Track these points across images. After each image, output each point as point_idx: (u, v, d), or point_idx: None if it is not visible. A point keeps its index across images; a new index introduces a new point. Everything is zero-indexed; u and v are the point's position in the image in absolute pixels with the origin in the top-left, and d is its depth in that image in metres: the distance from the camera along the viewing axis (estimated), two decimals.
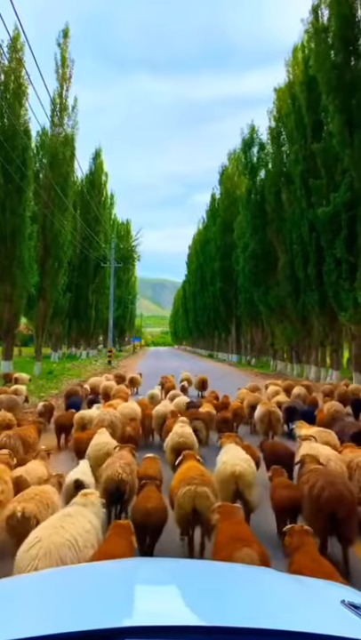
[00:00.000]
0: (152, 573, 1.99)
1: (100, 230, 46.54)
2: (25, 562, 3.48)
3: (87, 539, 3.85)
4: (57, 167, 26.77)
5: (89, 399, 14.04)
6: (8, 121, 23.74)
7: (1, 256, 23.76)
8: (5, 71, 23.96)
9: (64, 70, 27.03)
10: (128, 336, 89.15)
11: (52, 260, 26.90)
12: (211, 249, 53.40)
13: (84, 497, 4.64)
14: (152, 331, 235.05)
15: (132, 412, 10.57)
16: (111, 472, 5.93)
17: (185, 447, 7.28)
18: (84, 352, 49.27)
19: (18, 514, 4.51)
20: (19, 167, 23.45)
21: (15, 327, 25.44)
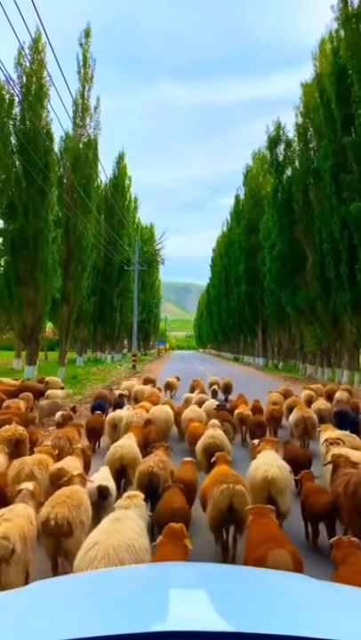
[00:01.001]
0: (185, 578, 1.96)
1: (124, 234, 46.29)
2: (84, 564, 3.56)
3: (142, 542, 3.92)
4: (80, 169, 26.43)
5: (115, 403, 13.91)
6: (30, 123, 23.52)
7: (24, 260, 23.49)
8: (27, 73, 23.76)
9: (86, 70, 26.73)
10: (153, 340, 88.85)
11: (75, 264, 26.53)
12: (235, 251, 52.57)
13: (128, 499, 4.66)
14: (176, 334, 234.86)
15: (165, 414, 10.68)
16: (144, 467, 6.28)
17: (216, 449, 7.32)
18: (109, 356, 49.04)
19: (52, 521, 4.63)
20: (41, 169, 23.16)
21: (39, 332, 25.12)
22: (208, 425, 8.93)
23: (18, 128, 23.61)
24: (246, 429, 11.48)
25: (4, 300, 24.82)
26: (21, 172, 23.50)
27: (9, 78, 21.10)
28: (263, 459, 6.40)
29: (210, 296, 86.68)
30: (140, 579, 1.98)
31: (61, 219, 27.16)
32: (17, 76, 23.59)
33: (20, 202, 23.51)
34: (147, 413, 10.69)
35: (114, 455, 7.19)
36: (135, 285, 38.86)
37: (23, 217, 23.27)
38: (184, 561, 3.77)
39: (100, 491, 5.67)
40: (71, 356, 47.07)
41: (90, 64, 26.89)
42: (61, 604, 1.63)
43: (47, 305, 24.82)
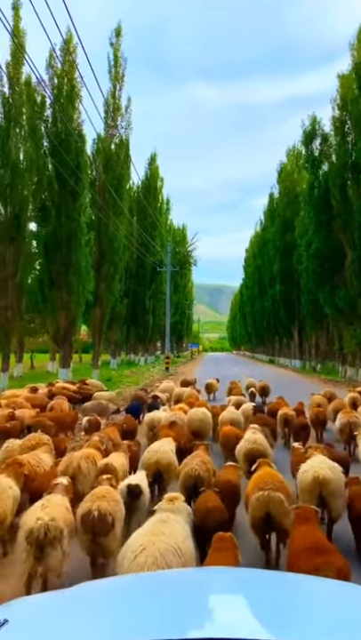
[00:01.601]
0: (227, 583, 1.91)
1: (157, 235, 46.04)
2: (133, 569, 3.52)
3: (188, 545, 3.89)
4: (111, 169, 26.21)
5: (148, 405, 13.75)
6: (62, 124, 23.45)
7: (57, 263, 23.42)
8: (58, 75, 23.72)
9: (116, 70, 26.53)
10: (186, 342, 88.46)
11: (107, 266, 26.31)
12: (269, 250, 51.47)
13: (170, 502, 4.60)
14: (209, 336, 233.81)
15: (204, 416, 10.63)
16: (188, 469, 6.28)
17: (257, 454, 7.19)
18: (142, 358, 48.91)
19: (95, 512, 4.63)
20: (73, 171, 23.05)
21: (72, 334, 25.01)
22: (247, 428, 8.82)
23: (50, 130, 23.60)
24: (290, 431, 11.18)
25: (38, 304, 24.85)
26: (53, 174, 23.46)
27: (40, 80, 21.07)
28: (313, 461, 6.22)
29: (243, 297, 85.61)
30: (182, 583, 1.95)
31: (94, 221, 27.01)
32: (48, 77, 23.63)
33: (53, 204, 23.47)
34: (185, 415, 10.73)
35: (149, 460, 7.09)
36: (168, 287, 38.45)
37: (56, 219, 23.22)
38: None
39: (130, 490, 5.55)
40: (105, 359, 47.23)
41: (121, 63, 26.69)
42: (104, 607, 1.62)
43: (80, 307, 24.68)
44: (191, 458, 6.68)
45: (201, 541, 4.58)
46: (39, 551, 4.35)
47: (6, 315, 21.04)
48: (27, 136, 22.10)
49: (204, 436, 10.18)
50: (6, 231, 20.89)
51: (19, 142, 21.81)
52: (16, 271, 21.19)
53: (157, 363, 48.03)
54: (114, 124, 26.35)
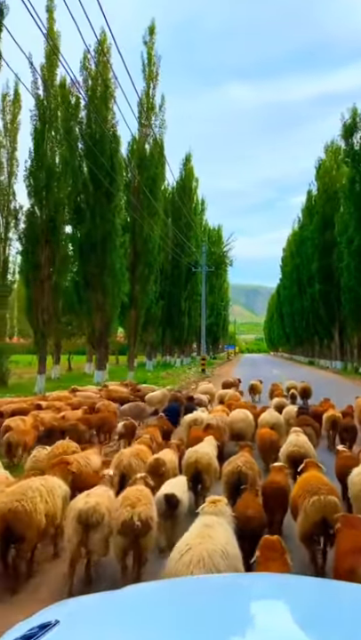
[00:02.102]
0: (271, 589, 1.85)
1: (192, 236, 45.61)
2: (179, 569, 3.54)
3: (233, 547, 3.89)
4: (146, 169, 25.94)
5: (185, 406, 13.49)
6: (96, 125, 23.36)
7: (91, 264, 23.32)
8: (92, 76, 23.66)
9: (150, 68, 26.27)
10: (222, 343, 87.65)
11: (142, 267, 26.05)
12: (308, 249, 50.08)
13: (213, 505, 4.58)
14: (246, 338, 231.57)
15: (245, 417, 10.52)
16: (232, 467, 6.39)
17: (300, 456, 7.13)
18: (178, 360, 48.61)
19: (137, 523, 4.63)
20: (108, 172, 22.90)
21: (108, 336, 24.88)
22: (290, 431, 8.75)
23: (84, 132, 23.55)
24: (335, 433, 10.88)
25: (74, 306, 24.84)
26: (88, 175, 23.40)
27: (75, 81, 21.01)
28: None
29: (280, 297, 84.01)
30: (226, 588, 1.93)
31: (129, 223, 26.83)
32: (82, 79, 23.60)
33: (88, 206, 23.42)
34: (226, 417, 10.67)
35: (188, 460, 7.03)
36: (203, 288, 37.92)
37: (90, 221, 23.14)
38: None
39: (167, 499, 5.44)
40: (141, 360, 47.21)
41: (154, 62, 26.43)
42: (151, 610, 1.61)
43: (116, 309, 24.52)
44: (236, 457, 6.77)
45: (243, 543, 4.51)
46: (84, 533, 4.67)
47: (42, 317, 21.06)
48: (62, 138, 22.12)
49: (246, 438, 9.96)
50: (42, 234, 20.93)
51: (54, 145, 21.85)
52: (52, 273, 21.18)
53: (193, 364, 47.55)
54: (148, 124, 26.08)
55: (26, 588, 4.94)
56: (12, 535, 4.75)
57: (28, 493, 4.89)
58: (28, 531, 4.77)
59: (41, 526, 4.90)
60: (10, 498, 4.81)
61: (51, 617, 1.51)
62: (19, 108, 27.84)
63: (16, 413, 10.83)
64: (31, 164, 20.70)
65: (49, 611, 1.68)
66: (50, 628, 1.42)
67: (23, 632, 1.44)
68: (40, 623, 1.47)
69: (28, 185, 20.71)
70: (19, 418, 10.15)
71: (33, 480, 5.30)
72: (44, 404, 12.61)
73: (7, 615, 3.96)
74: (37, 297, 21.03)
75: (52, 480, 5.45)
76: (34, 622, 1.51)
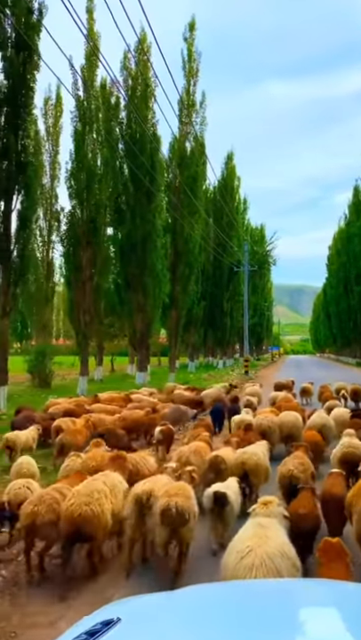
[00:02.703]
0: (329, 597, 1.80)
1: (234, 236, 44.94)
2: (241, 571, 3.52)
3: (291, 550, 3.84)
4: (186, 168, 25.53)
5: (229, 408, 13.35)
6: (136, 125, 23.18)
7: (132, 265, 23.15)
8: (132, 75, 23.50)
9: (190, 65, 25.87)
10: (266, 344, 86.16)
11: (182, 267, 25.65)
12: (355, 246, 48.26)
13: (264, 506, 4.57)
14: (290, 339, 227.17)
15: (295, 419, 10.41)
16: (285, 469, 6.42)
17: (352, 458, 7.09)
18: (221, 361, 47.99)
19: (173, 509, 4.82)
20: (148, 172, 22.66)
21: (149, 337, 24.63)
22: (343, 433, 8.64)
23: (125, 132, 23.43)
24: None
25: (116, 307, 24.76)
26: (128, 176, 23.26)
27: (115, 81, 20.90)
28: None
29: (327, 297, 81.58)
30: (288, 594, 1.87)
31: (169, 223, 26.52)
32: (122, 79, 23.48)
33: (128, 207, 23.28)
34: (276, 418, 10.56)
35: (236, 460, 7.03)
36: (245, 287, 37.12)
37: (131, 222, 22.98)
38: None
39: (217, 497, 5.48)
40: (183, 362, 46.92)
41: (195, 58, 26.00)
42: (210, 611, 1.60)
43: (156, 310, 24.25)
44: (290, 458, 6.81)
45: (297, 543, 4.47)
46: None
47: (84, 318, 21.05)
48: (102, 139, 22.08)
49: (296, 439, 9.78)
50: (83, 235, 20.92)
51: (96, 147, 21.84)
52: (93, 275, 21.14)
53: (236, 366, 46.77)
54: (188, 121, 25.67)
55: (95, 582, 5.12)
56: (80, 536, 4.97)
57: (94, 495, 4.99)
58: (97, 532, 4.95)
59: (108, 526, 5.06)
60: (77, 501, 4.91)
61: (113, 614, 1.54)
62: (60, 111, 28.15)
63: (67, 415, 10.90)
64: (72, 166, 20.76)
65: (111, 608, 1.74)
66: (112, 626, 1.45)
67: (87, 628, 1.47)
68: (103, 620, 1.51)
69: (69, 187, 20.79)
70: (69, 419, 10.15)
71: (96, 479, 5.37)
72: (95, 406, 12.67)
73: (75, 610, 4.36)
74: (79, 298, 21.05)
75: (112, 477, 5.54)
76: (97, 619, 1.55)
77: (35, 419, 10.72)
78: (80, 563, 5.35)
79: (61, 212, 22.75)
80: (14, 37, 14.79)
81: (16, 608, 4.62)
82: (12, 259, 15.17)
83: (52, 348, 26.10)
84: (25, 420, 10.62)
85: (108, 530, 5.13)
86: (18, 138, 14.87)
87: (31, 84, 15.09)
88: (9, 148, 14.50)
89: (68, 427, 9.61)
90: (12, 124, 14.67)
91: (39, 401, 20.70)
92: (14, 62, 14.61)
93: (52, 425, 10.01)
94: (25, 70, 14.80)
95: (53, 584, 5.00)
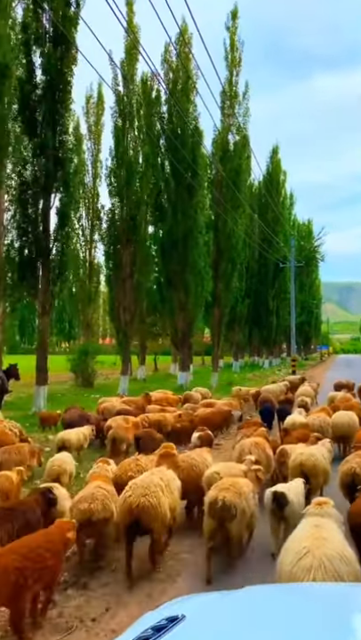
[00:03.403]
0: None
1: (280, 231, 43.59)
2: (299, 573, 3.44)
3: (350, 551, 3.72)
4: (229, 161, 24.70)
5: (278, 409, 13.29)
6: (177, 119, 22.63)
7: (173, 262, 22.61)
8: (173, 68, 22.96)
9: (233, 55, 25.02)
10: (314, 343, 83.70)
11: (225, 263, 24.84)
12: None
13: (318, 507, 4.47)
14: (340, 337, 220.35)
15: (350, 419, 10.12)
16: (346, 468, 6.41)
17: None
18: (266, 361, 46.79)
19: (219, 502, 4.98)
20: (189, 166, 22.05)
21: (190, 336, 24.02)
22: None
23: (166, 126, 22.93)
24: None
25: (157, 305, 24.33)
26: (170, 171, 22.75)
27: (156, 73, 20.43)
28: None
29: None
30: (347, 598, 1.82)
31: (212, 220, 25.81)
32: (163, 72, 22.99)
33: (169, 203, 22.78)
34: (329, 418, 10.43)
35: (294, 461, 6.97)
36: (292, 284, 35.78)
37: (172, 218, 22.47)
38: None
39: (276, 497, 5.39)
40: (228, 361, 46.10)
41: (237, 47, 25.13)
42: (272, 613, 1.61)
43: (199, 308, 23.64)
44: (352, 457, 6.77)
45: (357, 543, 4.43)
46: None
47: (125, 317, 20.73)
48: (143, 134, 21.67)
49: (350, 439, 9.64)
50: (123, 232, 20.59)
51: (138, 144, 21.45)
52: (133, 273, 20.77)
53: (283, 365, 45.48)
54: (231, 112, 24.84)
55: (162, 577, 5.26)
56: (139, 528, 5.07)
57: (151, 488, 5.10)
58: (155, 523, 5.04)
59: (166, 519, 5.16)
60: (135, 493, 5.04)
61: (177, 611, 1.57)
62: (102, 109, 28.03)
63: (121, 414, 11.18)
64: (112, 162, 20.49)
65: (174, 605, 1.78)
66: (177, 622, 1.48)
67: (153, 623, 1.50)
68: (168, 616, 1.53)
69: (108, 184, 20.51)
70: (120, 417, 10.44)
71: (153, 474, 5.51)
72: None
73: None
74: (119, 297, 20.73)
75: (167, 473, 5.66)
76: (162, 614, 1.58)
77: (89, 418, 11.00)
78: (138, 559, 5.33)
79: (102, 210, 22.51)
80: (52, 32, 14.56)
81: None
82: (51, 257, 14.97)
83: (95, 347, 26.01)
84: (80, 418, 10.86)
85: (166, 523, 5.22)
86: (56, 134, 14.64)
87: (69, 78, 14.82)
88: (46, 145, 14.29)
89: (119, 424, 9.93)
90: (49, 120, 14.45)
91: (82, 400, 20.64)
92: (52, 57, 14.39)
93: (105, 424, 10.32)
94: (62, 65, 14.55)
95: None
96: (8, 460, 7.46)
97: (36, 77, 14.68)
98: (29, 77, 14.60)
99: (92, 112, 28.14)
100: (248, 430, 8.94)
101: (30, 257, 14.78)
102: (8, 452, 7.70)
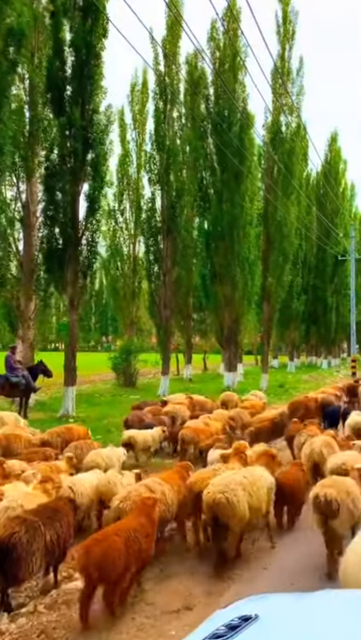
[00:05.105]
0: None
1: (339, 224, 40.77)
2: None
3: None
4: (280, 143, 22.62)
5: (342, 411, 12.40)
6: (223, 101, 20.94)
7: (219, 254, 20.97)
8: (219, 46, 21.27)
9: (286, 27, 22.86)
10: None
11: (276, 254, 22.79)
12: None
13: None
14: None
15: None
16: None
17: None
18: (325, 361, 44.09)
19: (321, 498, 5.08)
20: (237, 151, 20.32)
21: (237, 334, 22.26)
22: None
23: (212, 108, 21.28)
24: None
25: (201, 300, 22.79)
26: (215, 156, 21.12)
27: (200, 50, 18.88)
28: None
29: None
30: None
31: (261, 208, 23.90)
32: (210, 51, 21.33)
33: (215, 190, 21.15)
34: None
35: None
36: (352, 278, 33.06)
37: (217, 207, 20.82)
38: None
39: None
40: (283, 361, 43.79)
41: (290, 19, 22.94)
42: (345, 619, 1.57)
43: (248, 303, 21.85)
44: None
45: None
46: (324, 519, 5.13)
47: (165, 313, 19.36)
48: (186, 117, 20.20)
49: None
50: (163, 222, 19.22)
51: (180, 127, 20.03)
52: (173, 265, 19.35)
53: (343, 366, 42.61)
54: (284, 91, 22.75)
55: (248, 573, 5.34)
56: (218, 523, 5.19)
57: (230, 485, 5.23)
58: (232, 520, 5.14)
59: (245, 517, 5.21)
60: (214, 489, 5.20)
61: (250, 610, 1.57)
62: (147, 97, 26.70)
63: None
64: (151, 147, 19.14)
65: (247, 604, 1.76)
66: (251, 622, 1.48)
67: (226, 621, 1.51)
68: (241, 615, 1.53)
69: (147, 170, 19.19)
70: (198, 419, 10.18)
71: (237, 472, 5.70)
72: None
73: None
74: (159, 292, 19.38)
75: (256, 471, 5.75)
76: (235, 613, 1.58)
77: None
78: None
79: (141, 200, 21.22)
80: (80, 1, 13.40)
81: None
82: (79, 247, 13.84)
83: (138, 344, 24.85)
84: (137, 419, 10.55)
85: (245, 521, 5.26)
86: (85, 112, 13.47)
87: (99, 51, 13.59)
88: (74, 124, 13.14)
89: (189, 425, 9.72)
90: (77, 98, 13.31)
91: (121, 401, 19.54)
92: (79, 29, 13.22)
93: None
94: (92, 37, 13.34)
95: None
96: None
97: (64, 52, 13.57)
98: (57, 52, 13.51)
99: (136, 100, 27.01)
100: (312, 430, 8.70)
101: (57, 247, 13.71)
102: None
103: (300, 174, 27.41)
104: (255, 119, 22.76)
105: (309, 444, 7.42)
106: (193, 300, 27.43)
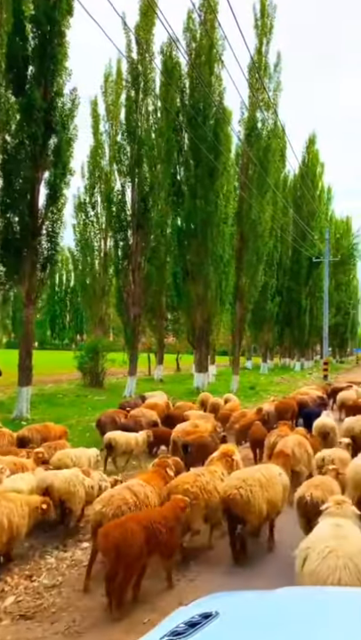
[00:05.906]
0: None
1: (315, 227, 40.69)
2: (323, 573, 3.41)
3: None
4: (256, 139, 22.07)
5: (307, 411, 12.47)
6: (198, 94, 20.27)
7: (192, 252, 20.29)
8: (195, 38, 20.60)
9: (263, 21, 22.34)
10: (351, 346, 79.96)
11: (249, 254, 22.24)
12: None
13: (337, 505, 4.43)
14: None
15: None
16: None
17: None
18: (298, 363, 43.98)
19: (307, 498, 5.10)
20: (212, 146, 19.68)
21: (209, 334, 21.62)
22: None
23: (187, 101, 20.58)
24: None
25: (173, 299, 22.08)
26: (189, 150, 20.44)
27: (175, 40, 18.15)
28: None
29: None
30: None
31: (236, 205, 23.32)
32: (185, 43, 20.64)
33: (188, 185, 20.47)
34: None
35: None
36: (325, 281, 32.87)
37: (190, 202, 20.13)
38: None
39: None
40: (256, 362, 43.48)
41: (268, 13, 22.43)
42: (307, 616, 1.58)
43: (221, 303, 21.24)
44: None
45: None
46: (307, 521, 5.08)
47: (133, 311, 18.56)
48: (161, 108, 19.46)
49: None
50: (132, 217, 18.42)
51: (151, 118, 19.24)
52: (143, 262, 18.58)
53: (316, 369, 42.63)
54: (260, 86, 22.21)
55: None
56: (233, 518, 5.33)
57: (247, 481, 5.37)
58: (247, 515, 5.28)
59: (261, 512, 5.34)
60: (229, 484, 5.39)
61: (211, 607, 1.58)
62: (121, 87, 25.84)
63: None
64: (121, 137, 18.32)
65: (210, 600, 1.78)
66: (211, 619, 1.49)
67: (187, 618, 1.52)
68: (202, 612, 1.54)
69: (117, 161, 18.36)
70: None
71: (254, 469, 5.84)
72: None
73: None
74: (128, 289, 18.57)
75: (272, 469, 5.88)
76: (195, 610, 1.58)
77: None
78: None
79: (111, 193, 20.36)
80: None
81: None
82: (38, 237, 12.95)
83: (105, 343, 23.95)
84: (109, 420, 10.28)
85: (262, 516, 5.38)
86: (47, 94, 12.60)
87: (64, 29, 12.73)
88: (34, 105, 12.25)
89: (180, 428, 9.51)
90: (38, 78, 12.43)
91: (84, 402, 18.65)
92: (42, 3, 12.35)
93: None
94: (56, 13, 12.48)
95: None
96: None
97: (25, 28, 12.66)
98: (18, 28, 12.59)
99: (110, 91, 26.11)
100: (283, 429, 8.75)
101: (15, 237, 12.79)
102: None
103: (276, 173, 26.99)
104: (232, 115, 22.24)
105: (283, 441, 7.55)
106: (167, 299, 26.70)
